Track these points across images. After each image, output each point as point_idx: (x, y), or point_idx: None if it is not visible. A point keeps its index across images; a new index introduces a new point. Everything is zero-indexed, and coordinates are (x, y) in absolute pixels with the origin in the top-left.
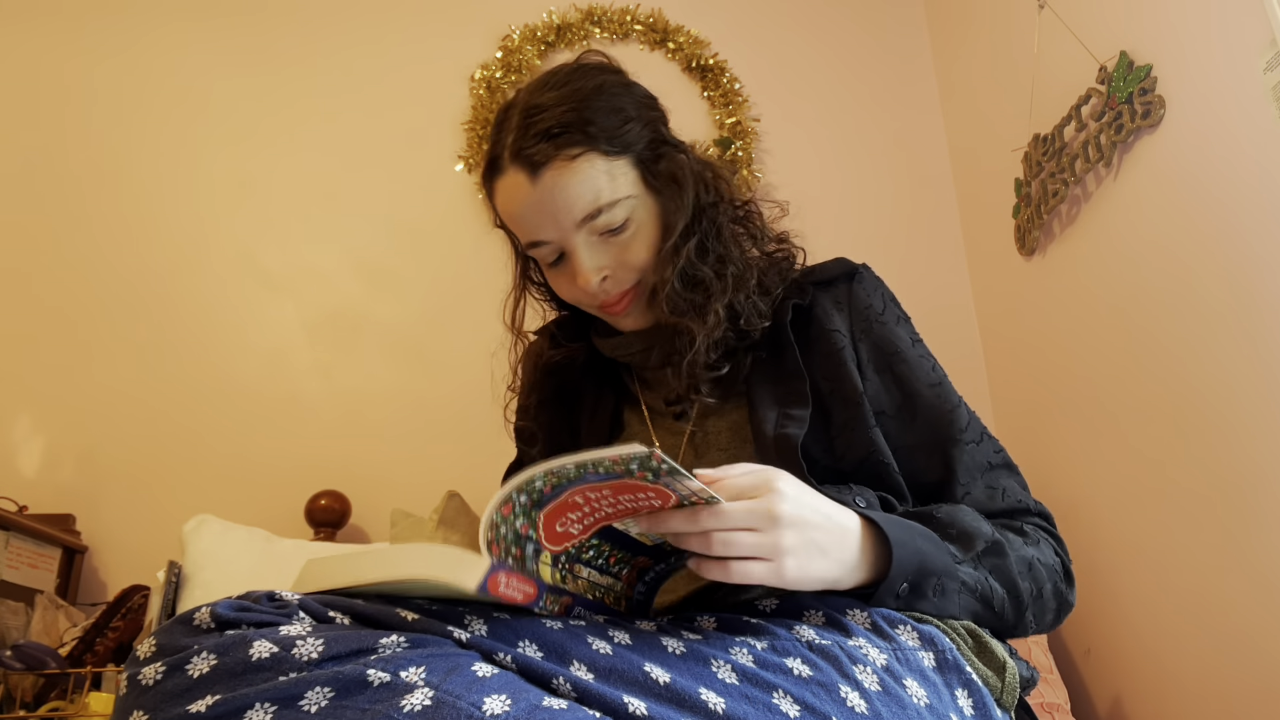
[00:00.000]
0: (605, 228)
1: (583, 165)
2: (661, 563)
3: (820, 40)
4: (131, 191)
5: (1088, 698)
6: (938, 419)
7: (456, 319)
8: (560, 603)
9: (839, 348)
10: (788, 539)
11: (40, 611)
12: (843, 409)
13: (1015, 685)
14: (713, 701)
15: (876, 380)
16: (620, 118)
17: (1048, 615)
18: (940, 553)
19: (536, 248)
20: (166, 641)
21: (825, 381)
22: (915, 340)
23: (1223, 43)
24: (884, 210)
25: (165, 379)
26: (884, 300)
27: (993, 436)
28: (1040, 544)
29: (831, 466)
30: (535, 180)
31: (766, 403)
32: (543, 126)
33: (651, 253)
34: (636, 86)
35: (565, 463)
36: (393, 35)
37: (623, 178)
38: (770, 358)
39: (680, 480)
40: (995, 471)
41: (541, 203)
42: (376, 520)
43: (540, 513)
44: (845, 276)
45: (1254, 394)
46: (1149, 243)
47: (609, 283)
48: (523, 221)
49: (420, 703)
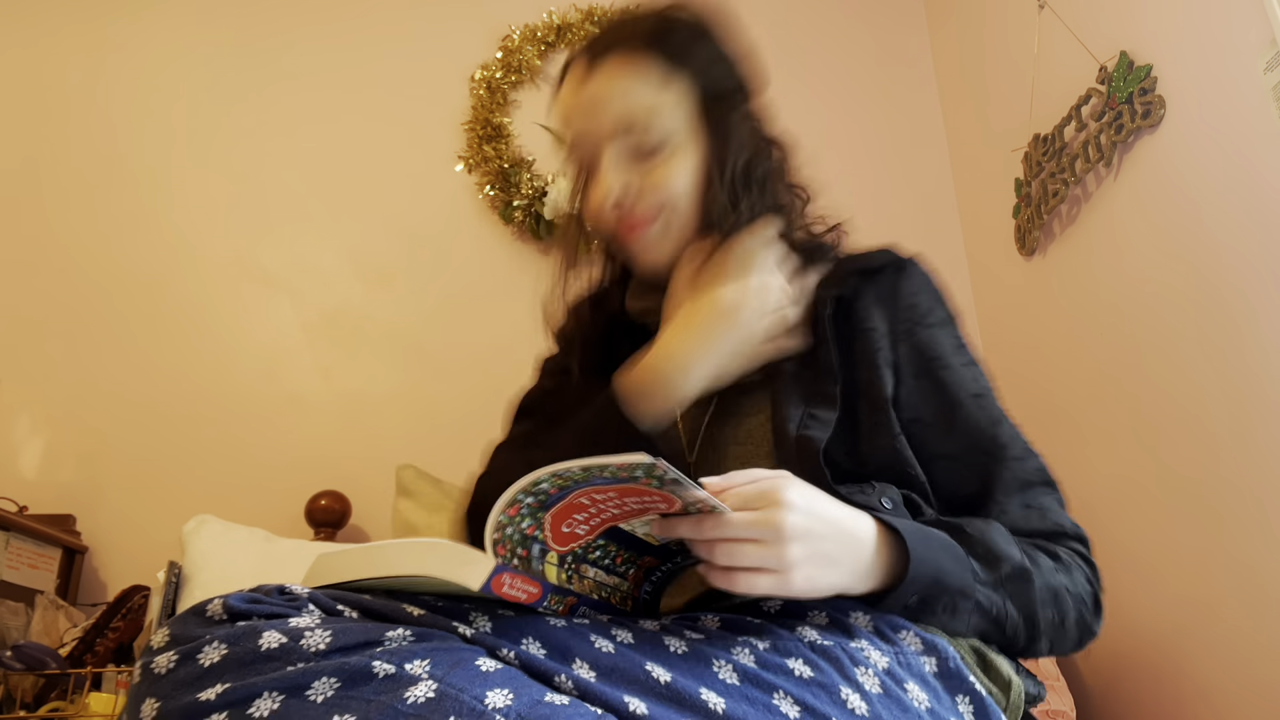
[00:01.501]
0: (637, 147)
1: (638, 67)
2: (668, 562)
3: (820, 40)
4: (131, 192)
5: (1093, 706)
6: (979, 432)
7: (456, 319)
8: (565, 603)
9: (875, 349)
10: (794, 552)
11: (40, 612)
12: (870, 413)
13: (1020, 703)
14: (713, 701)
15: (914, 385)
16: (701, 43)
17: (1067, 643)
18: (961, 570)
19: (573, 153)
20: (180, 631)
21: (855, 382)
22: (961, 345)
23: (1223, 43)
24: (884, 210)
25: (165, 379)
26: (932, 299)
27: (1036, 453)
28: (1072, 571)
29: (853, 470)
30: (590, 73)
31: (792, 400)
32: (620, 30)
33: (683, 186)
34: (737, 36)
35: (571, 466)
36: (393, 35)
37: (675, 97)
38: (804, 352)
39: (685, 489)
40: (1035, 490)
41: (583, 104)
42: (377, 520)
43: (547, 514)
44: (893, 268)
45: (1254, 394)
46: (1149, 243)
47: (628, 204)
48: (568, 118)
49: (424, 694)
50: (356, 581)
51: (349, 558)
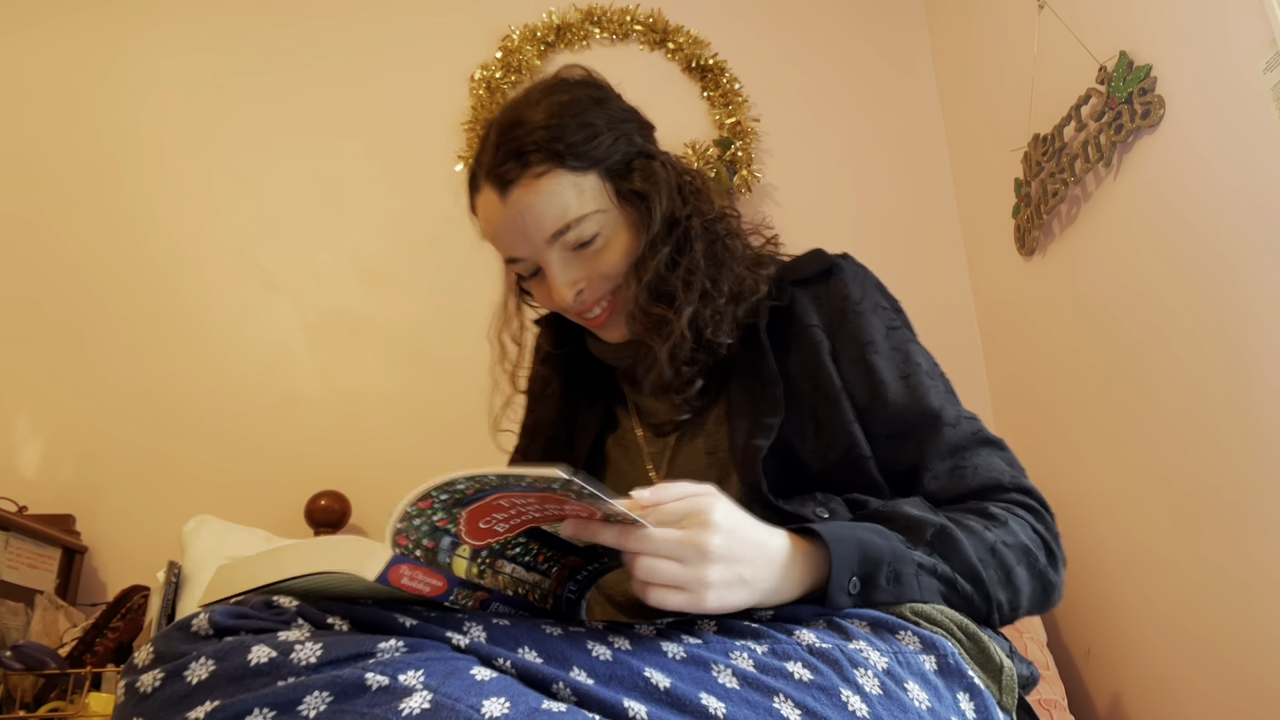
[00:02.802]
0: (576, 242)
1: (549, 183)
2: (594, 563)
3: (820, 40)
4: (131, 192)
5: (1085, 694)
6: (906, 407)
7: (456, 319)
8: (475, 597)
9: (816, 343)
10: (712, 574)
11: (40, 612)
12: (824, 405)
13: (1014, 686)
14: (713, 707)
15: (850, 372)
16: (589, 133)
17: (1025, 598)
18: (887, 541)
19: (515, 263)
20: (164, 648)
21: (807, 380)
22: (892, 328)
23: (1223, 43)
24: (884, 210)
25: (165, 379)
26: (863, 288)
27: (973, 417)
28: (1009, 524)
29: (817, 465)
30: (505, 199)
31: (743, 411)
32: (512, 146)
33: (626, 262)
34: (614, 100)
35: (488, 472)
36: (393, 35)
37: (591, 192)
38: (749, 364)
39: (603, 503)
40: (967, 451)
41: (512, 220)
42: (376, 520)
43: (463, 510)
44: (823, 272)
45: (1254, 393)
46: (1148, 243)
47: (585, 294)
48: (499, 239)
49: (419, 706)
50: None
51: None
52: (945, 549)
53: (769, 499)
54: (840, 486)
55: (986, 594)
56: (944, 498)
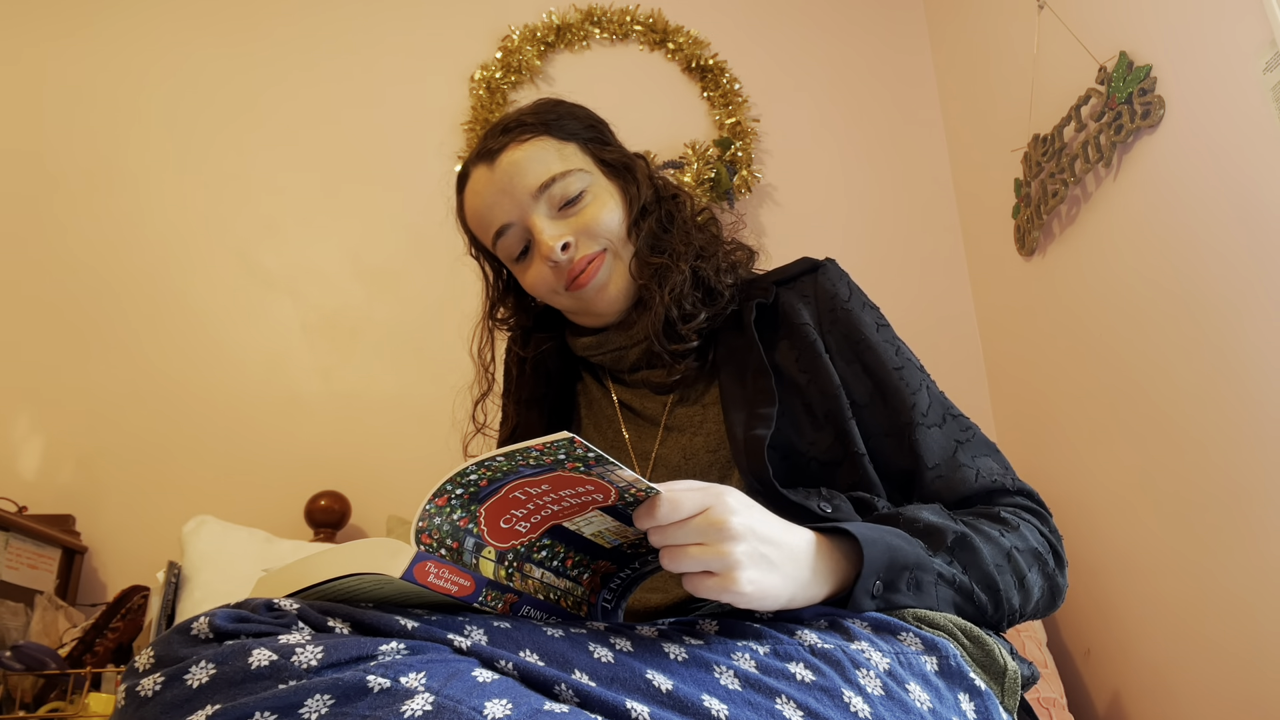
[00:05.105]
0: (562, 198)
1: (535, 144)
2: (626, 569)
3: (820, 41)
4: (130, 191)
5: (1085, 694)
6: (899, 403)
7: (456, 319)
8: (504, 600)
9: (811, 341)
10: (738, 550)
11: (40, 612)
12: (822, 401)
13: (1017, 688)
14: (715, 708)
15: (846, 370)
16: (571, 117)
17: (1034, 604)
18: (912, 547)
19: (502, 237)
20: (164, 652)
21: (803, 375)
22: (880, 325)
23: (1222, 43)
24: (884, 210)
25: (165, 379)
26: (849, 287)
27: (961, 416)
28: (1020, 529)
29: (815, 459)
30: (493, 165)
31: (737, 404)
32: (500, 127)
33: (613, 221)
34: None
35: (496, 454)
36: (393, 35)
37: (575, 156)
38: (737, 359)
39: (611, 470)
40: (965, 451)
41: (499, 183)
42: (376, 521)
43: (480, 507)
44: (808, 271)
45: (1254, 393)
46: (1148, 243)
47: (572, 250)
48: (486, 211)
49: (421, 708)
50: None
51: (287, 574)
52: (965, 558)
53: (776, 488)
54: (837, 482)
55: (1000, 601)
56: (947, 498)
